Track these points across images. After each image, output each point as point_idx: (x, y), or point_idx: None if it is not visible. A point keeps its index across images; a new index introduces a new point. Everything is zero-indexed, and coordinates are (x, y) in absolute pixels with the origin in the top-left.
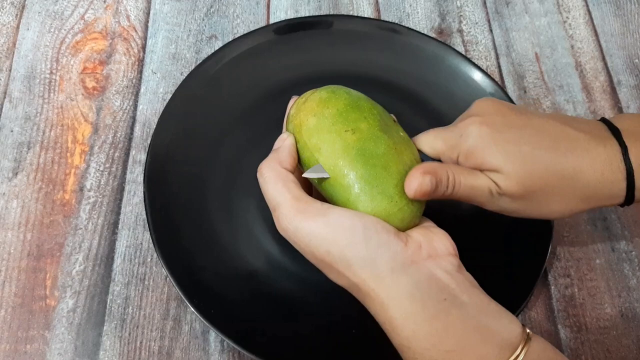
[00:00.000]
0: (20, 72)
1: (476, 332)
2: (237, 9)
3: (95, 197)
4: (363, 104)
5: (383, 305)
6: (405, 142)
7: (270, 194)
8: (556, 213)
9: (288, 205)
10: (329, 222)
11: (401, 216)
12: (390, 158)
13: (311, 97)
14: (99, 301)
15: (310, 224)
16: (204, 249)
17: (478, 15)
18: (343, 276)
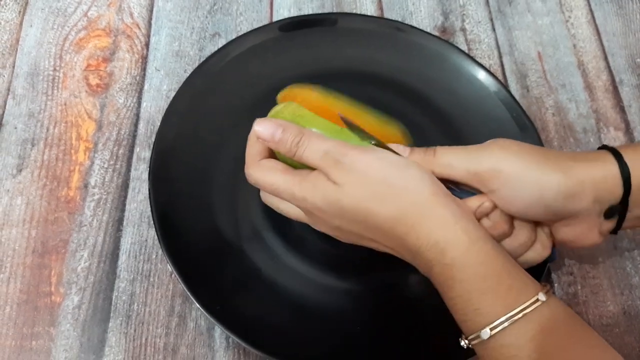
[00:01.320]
0: (23, 69)
1: (516, 266)
2: (240, 6)
3: (99, 194)
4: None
5: (440, 221)
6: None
7: (312, 155)
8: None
9: (336, 145)
10: (378, 156)
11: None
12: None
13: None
14: (104, 298)
15: (366, 157)
16: (209, 245)
17: (481, 14)
18: (400, 201)
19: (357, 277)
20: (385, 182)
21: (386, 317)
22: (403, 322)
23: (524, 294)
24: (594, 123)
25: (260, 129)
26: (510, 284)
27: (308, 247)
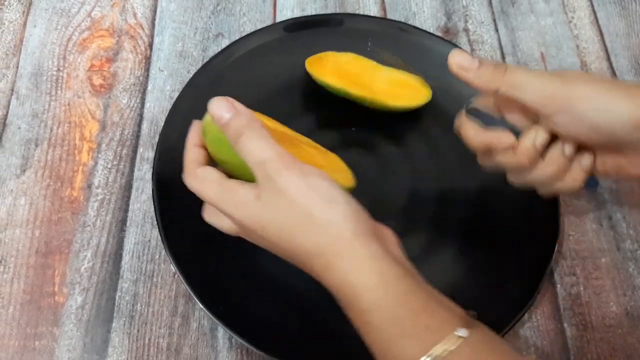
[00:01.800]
0: (27, 69)
1: (436, 299)
2: (244, 7)
3: (103, 195)
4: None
5: (357, 264)
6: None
7: (257, 152)
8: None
9: (274, 162)
10: (310, 183)
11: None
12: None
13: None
14: (108, 298)
15: (299, 183)
16: (212, 246)
17: (484, 14)
18: (321, 235)
19: None
20: (310, 214)
21: None
22: None
23: (441, 331)
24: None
25: (214, 106)
26: (428, 324)
27: None
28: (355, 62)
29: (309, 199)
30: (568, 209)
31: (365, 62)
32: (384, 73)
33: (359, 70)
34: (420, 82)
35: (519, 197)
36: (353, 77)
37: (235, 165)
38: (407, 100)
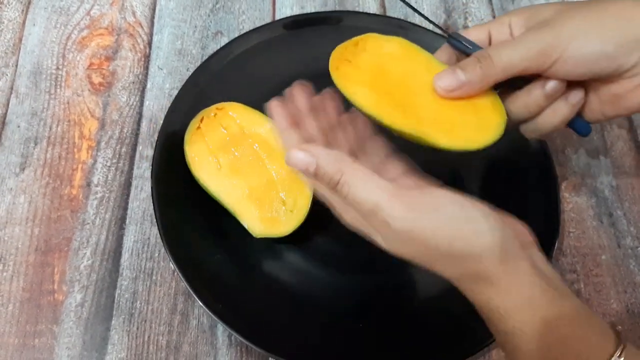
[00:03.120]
0: (26, 67)
1: (587, 321)
2: (243, 5)
3: (102, 193)
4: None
5: (502, 290)
6: None
7: (362, 198)
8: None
9: (388, 203)
10: (444, 214)
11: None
12: None
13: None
14: (107, 295)
15: (423, 219)
16: (211, 243)
17: (484, 11)
18: (461, 268)
19: (360, 275)
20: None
21: (389, 314)
22: (405, 320)
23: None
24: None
25: (292, 160)
26: (578, 351)
27: (311, 245)
28: (403, 57)
29: (438, 237)
30: (568, 205)
31: (417, 57)
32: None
33: (408, 71)
34: (493, 101)
35: (519, 194)
36: (396, 88)
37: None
38: (467, 137)
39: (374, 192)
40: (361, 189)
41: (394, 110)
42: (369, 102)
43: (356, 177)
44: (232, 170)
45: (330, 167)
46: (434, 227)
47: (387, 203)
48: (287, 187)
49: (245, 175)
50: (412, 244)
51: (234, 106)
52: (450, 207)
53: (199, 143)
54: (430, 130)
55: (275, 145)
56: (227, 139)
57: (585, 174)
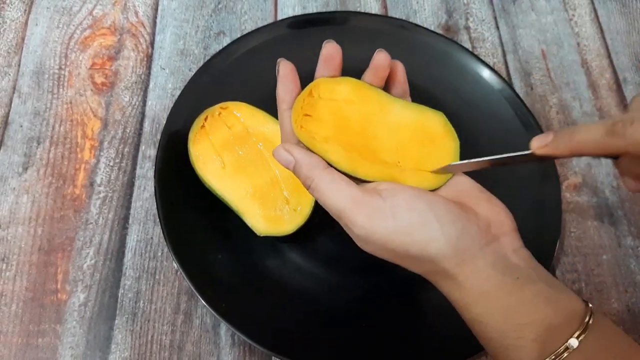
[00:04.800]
0: (29, 67)
1: (547, 305)
2: (245, 5)
3: (105, 192)
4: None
5: (459, 286)
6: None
7: (330, 203)
8: None
9: (350, 211)
10: (399, 221)
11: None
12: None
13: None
14: (110, 295)
15: (380, 226)
16: (214, 243)
17: (485, 12)
18: (422, 267)
19: (363, 275)
20: (405, 255)
21: (391, 314)
22: (408, 319)
23: (550, 343)
24: (598, 121)
25: (276, 156)
26: (535, 337)
27: (314, 244)
28: (356, 99)
29: (395, 242)
30: (570, 206)
31: (369, 96)
32: (397, 115)
33: (363, 113)
34: (443, 126)
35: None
36: (358, 135)
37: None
38: (431, 175)
39: (338, 200)
40: (327, 195)
41: (363, 162)
42: (340, 160)
43: (324, 183)
44: (236, 169)
45: (304, 172)
46: (389, 234)
47: (349, 211)
48: (290, 186)
49: (249, 174)
50: (374, 247)
51: (238, 105)
52: (407, 214)
53: (203, 142)
54: (398, 174)
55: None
56: (231, 138)
57: (586, 174)
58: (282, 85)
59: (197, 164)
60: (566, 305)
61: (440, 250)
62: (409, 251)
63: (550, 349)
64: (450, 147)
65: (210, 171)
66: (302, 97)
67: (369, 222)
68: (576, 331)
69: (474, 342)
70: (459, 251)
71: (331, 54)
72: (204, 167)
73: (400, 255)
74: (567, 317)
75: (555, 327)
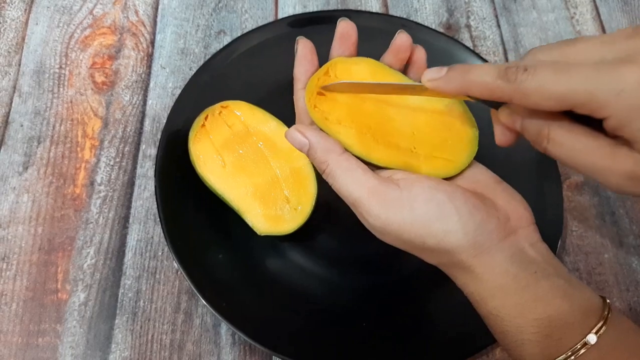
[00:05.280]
0: (29, 66)
1: (564, 301)
2: (246, 4)
3: (105, 192)
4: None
5: (476, 278)
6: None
7: (344, 191)
8: None
9: (366, 200)
10: (416, 212)
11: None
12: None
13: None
14: (111, 295)
15: (397, 217)
16: (215, 242)
17: (486, 10)
18: (438, 258)
19: (364, 275)
20: (422, 247)
21: (392, 313)
22: (409, 318)
23: (565, 340)
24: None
25: (289, 138)
26: (549, 333)
27: (315, 244)
28: (373, 80)
29: (412, 234)
30: (571, 205)
31: (388, 79)
32: (414, 100)
33: (381, 97)
34: (462, 113)
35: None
36: (372, 117)
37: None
38: (446, 165)
39: (354, 188)
40: (343, 182)
41: (376, 146)
42: (353, 143)
43: (340, 170)
44: (236, 168)
45: (318, 156)
46: (406, 225)
47: (365, 200)
48: (291, 185)
49: (249, 173)
50: (390, 237)
51: (238, 104)
52: (425, 206)
53: (204, 141)
54: (413, 160)
55: (279, 144)
56: (232, 137)
57: None
58: (300, 64)
59: (198, 163)
60: (583, 301)
61: (458, 243)
62: (426, 243)
63: (567, 345)
64: (469, 135)
65: (210, 170)
66: (317, 76)
67: (385, 212)
68: (595, 326)
69: (476, 341)
70: (477, 244)
71: (347, 31)
72: (204, 166)
73: (417, 247)
74: (584, 313)
75: (571, 322)
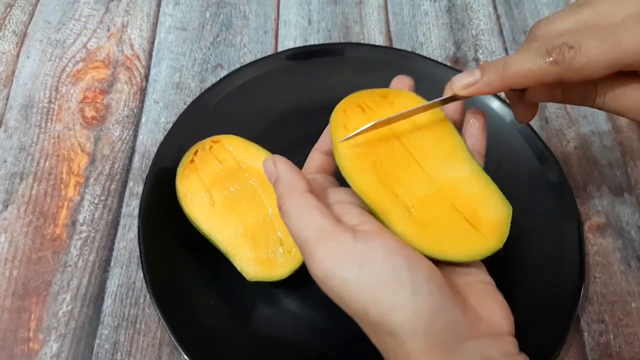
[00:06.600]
0: (17, 100)
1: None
2: (245, 38)
3: (87, 232)
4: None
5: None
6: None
7: (295, 231)
8: None
9: (312, 242)
10: (365, 270)
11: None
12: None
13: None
14: (85, 345)
15: (341, 270)
16: (201, 288)
17: (495, 44)
18: (381, 340)
19: None
20: (365, 314)
21: None
22: None
23: None
24: (620, 156)
25: (264, 165)
26: None
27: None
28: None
29: (353, 297)
30: (593, 248)
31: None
32: (456, 171)
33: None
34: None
35: (536, 238)
36: (396, 176)
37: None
38: (466, 249)
39: (304, 228)
40: (295, 222)
41: (396, 204)
42: (373, 197)
43: (294, 209)
44: (226, 207)
45: (279, 190)
46: (349, 283)
47: (311, 241)
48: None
49: (240, 212)
50: (332, 293)
51: (231, 139)
52: (377, 266)
53: (192, 177)
54: (395, 211)
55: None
56: (222, 174)
57: (609, 213)
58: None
59: (184, 201)
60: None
61: (405, 324)
62: (368, 314)
63: None
64: (487, 245)
65: (197, 209)
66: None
67: (330, 260)
68: None
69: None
70: (431, 334)
71: (402, 81)
72: (191, 204)
73: (359, 316)
74: None
75: None
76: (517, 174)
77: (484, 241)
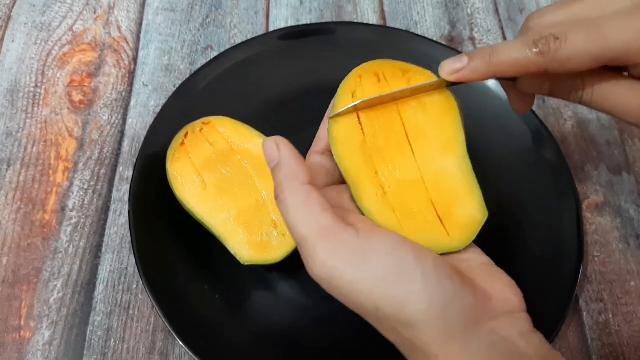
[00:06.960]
0: (3, 85)
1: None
2: (235, 18)
3: (77, 218)
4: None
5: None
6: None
7: (293, 226)
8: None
9: (312, 241)
10: (371, 266)
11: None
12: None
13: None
14: (78, 333)
15: (347, 269)
16: (195, 274)
17: (490, 22)
18: (395, 334)
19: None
20: (375, 310)
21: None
22: None
23: None
24: (618, 135)
25: (263, 146)
26: None
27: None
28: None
29: (363, 295)
30: (591, 227)
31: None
32: (440, 165)
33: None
34: (477, 206)
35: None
36: (383, 154)
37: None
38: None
39: (304, 224)
40: (293, 215)
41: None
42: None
43: (294, 201)
44: (218, 190)
45: (279, 177)
46: (356, 282)
47: (311, 240)
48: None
49: (232, 196)
50: (338, 294)
51: (222, 120)
52: (384, 260)
53: (183, 160)
54: (383, 206)
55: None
56: (214, 156)
57: (608, 192)
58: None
59: (176, 185)
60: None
61: (420, 316)
62: (380, 310)
63: None
64: (447, 243)
65: (189, 192)
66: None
67: (333, 260)
68: None
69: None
70: (446, 324)
71: None
72: (182, 188)
73: (369, 314)
74: None
75: None
76: (515, 154)
77: (445, 239)
